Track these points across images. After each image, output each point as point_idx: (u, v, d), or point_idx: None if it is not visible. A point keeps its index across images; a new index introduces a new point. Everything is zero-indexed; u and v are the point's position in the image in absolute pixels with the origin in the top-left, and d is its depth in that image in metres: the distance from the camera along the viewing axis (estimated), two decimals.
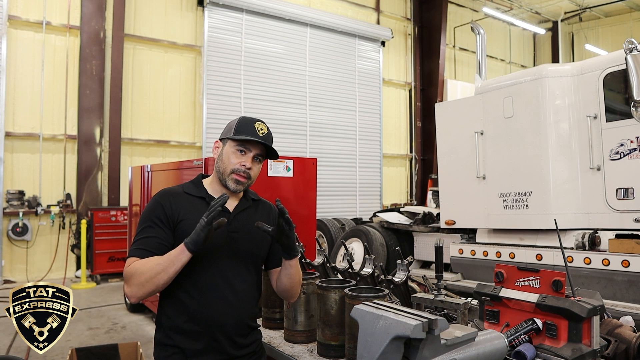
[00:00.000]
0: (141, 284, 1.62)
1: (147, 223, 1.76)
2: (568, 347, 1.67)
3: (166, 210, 1.77)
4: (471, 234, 6.05)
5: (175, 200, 1.80)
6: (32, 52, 9.02)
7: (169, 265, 1.60)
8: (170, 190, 1.87)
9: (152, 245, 1.70)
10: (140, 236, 1.74)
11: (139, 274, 1.63)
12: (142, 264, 1.64)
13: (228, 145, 1.84)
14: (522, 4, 16.45)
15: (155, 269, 1.61)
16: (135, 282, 1.63)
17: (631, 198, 4.56)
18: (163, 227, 1.74)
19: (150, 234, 1.73)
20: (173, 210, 1.77)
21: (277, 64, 11.72)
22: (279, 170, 4.94)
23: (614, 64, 4.72)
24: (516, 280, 1.87)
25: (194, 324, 1.74)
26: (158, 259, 1.64)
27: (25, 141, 8.93)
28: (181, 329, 1.75)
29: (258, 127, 1.83)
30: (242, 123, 1.85)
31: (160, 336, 1.80)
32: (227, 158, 1.83)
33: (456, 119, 6.05)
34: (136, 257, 1.68)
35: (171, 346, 1.76)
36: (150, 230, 1.74)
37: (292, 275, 1.88)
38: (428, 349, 1.39)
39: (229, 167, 1.82)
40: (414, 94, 14.71)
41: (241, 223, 1.86)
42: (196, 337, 1.75)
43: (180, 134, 10.59)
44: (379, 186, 13.60)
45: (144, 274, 1.62)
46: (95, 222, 8.70)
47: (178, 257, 1.60)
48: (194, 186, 1.89)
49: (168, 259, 1.62)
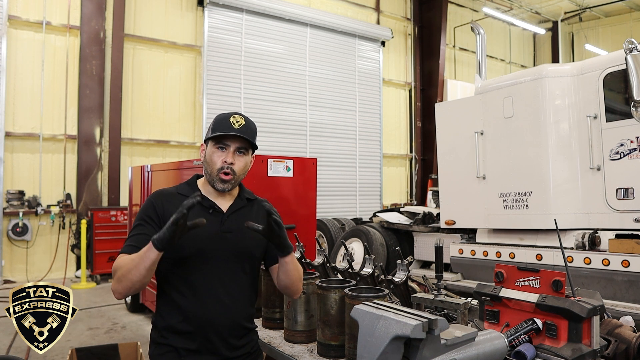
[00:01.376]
0: (118, 278, 1.66)
1: (139, 221, 1.79)
2: (568, 347, 1.67)
3: (157, 210, 1.79)
4: (471, 234, 6.05)
5: (167, 201, 1.81)
6: (32, 52, 9.02)
7: (140, 262, 1.60)
8: (164, 191, 1.89)
9: (141, 242, 1.69)
10: (131, 234, 1.78)
11: (118, 268, 1.66)
12: (122, 260, 1.67)
13: (209, 145, 1.85)
14: (522, 4, 16.45)
15: (129, 265, 1.63)
16: (115, 276, 1.67)
17: (631, 198, 4.56)
18: (153, 225, 1.76)
19: (140, 232, 1.75)
20: (165, 211, 1.77)
21: (277, 64, 11.72)
22: (279, 170, 4.94)
23: (614, 64, 4.71)
24: (516, 280, 1.87)
25: (187, 324, 1.75)
26: (134, 255, 1.66)
27: (25, 141, 8.93)
28: (175, 328, 1.76)
29: (233, 121, 1.81)
30: (218, 120, 1.85)
31: (155, 335, 1.82)
32: (210, 159, 1.83)
33: (456, 119, 6.05)
34: (124, 253, 1.71)
35: (165, 345, 1.77)
36: (141, 228, 1.76)
37: (289, 271, 1.85)
38: (428, 349, 1.39)
39: (214, 168, 1.82)
40: (414, 94, 14.71)
41: (235, 223, 1.84)
42: (190, 337, 1.75)
43: (180, 134, 10.59)
44: (379, 186, 13.60)
45: (121, 269, 1.65)
46: (95, 222, 8.70)
47: (146, 254, 1.60)
48: (187, 187, 1.90)
49: (139, 255, 1.62)
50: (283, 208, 4.97)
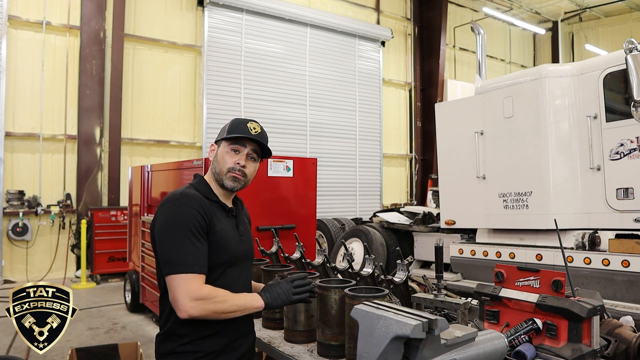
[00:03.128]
0: (212, 311, 1.66)
1: (187, 233, 1.69)
2: (568, 347, 1.67)
3: (201, 217, 1.73)
4: (471, 234, 6.05)
5: (203, 207, 1.76)
6: (32, 52, 9.02)
7: (243, 311, 1.73)
8: (191, 194, 1.79)
9: (203, 260, 1.69)
10: (187, 248, 1.68)
11: (216, 302, 1.67)
12: (221, 295, 1.69)
13: (222, 146, 1.87)
14: (522, 4, 16.45)
15: (232, 308, 1.70)
16: (208, 306, 1.65)
17: (631, 198, 4.56)
18: (202, 238, 1.71)
19: (196, 246, 1.69)
20: (206, 218, 1.74)
21: (277, 64, 11.72)
22: (279, 170, 4.94)
23: (614, 64, 4.71)
24: (516, 280, 1.87)
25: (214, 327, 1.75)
26: (235, 298, 1.72)
27: (25, 141, 8.94)
28: (204, 334, 1.75)
29: (251, 127, 1.85)
30: (235, 124, 1.87)
31: (174, 345, 1.75)
32: (222, 159, 1.85)
33: (456, 119, 6.05)
34: (200, 274, 1.67)
35: (191, 352, 1.74)
36: (195, 241, 1.69)
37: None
38: (428, 349, 1.39)
39: (224, 167, 1.84)
40: (414, 94, 14.72)
41: (243, 226, 1.94)
42: (216, 338, 1.77)
43: (180, 134, 10.59)
44: (379, 186, 13.60)
45: (220, 305, 1.67)
46: (95, 222, 8.70)
47: (253, 306, 1.76)
48: (207, 189, 1.86)
49: (244, 306, 1.73)
50: (283, 208, 4.97)
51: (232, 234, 1.84)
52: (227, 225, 1.83)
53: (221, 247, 1.76)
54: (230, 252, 1.80)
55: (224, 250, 1.77)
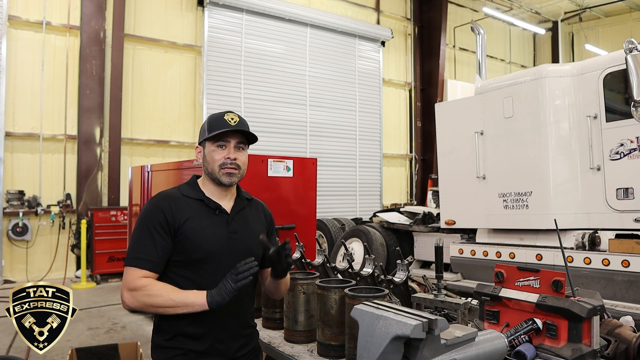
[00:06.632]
0: (145, 304, 1.66)
1: (148, 229, 1.74)
2: (568, 347, 1.67)
3: (167, 215, 1.75)
4: (471, 234, 6.05)
5: (175, 205, 1.79)
6: (32, 52, 9.02)
7: (182, 307, 1.64)
8: (169, 193, 1.86)
9: (154, 255, 1.71)
10: (141, 242, 1.73)
11: (148, 295, 1.65)
12: (157, 288, 1.66)
13: (207, 146, 1.86)
14: (522, 4, 16.45)
15: (167, 303, 1.64)
16: (140, 298, 1.66)
17: (631, 198, 4.56)
18: (164, 234, 1.73)
19: (152, 242, 1.72)
20: (174, 215, 1.76)
21: (277, 64, 11.72)
22: (279, 170, 4.94)
23: (614, 64, 4.71)
24: (516, 280, 1.87)
25: (197, 326, 1.75)
26: (173, 293, 1.66)
27: (25, 141, 8.93)
28: (184, 331, 1.75)
29: (228, 118, 1.83)
30: (212, 120, 1.86)
31: (159, 339, 1.79)
32: (210, 158, 1.84)
33: (456, 119, 6.05)
34: (141, 268, 1.69)
35: (173, 348, 1.76)
36: (152, 238, 1.73)
37: (280, 284, 1.96)
38: (428, 349, 1.39)
39: (215, 165, 1.83)
40: (414, 94, 14.71)
41: (240, 224, 1.88)
42: (200, 339, 1.76)
43: (180, 134, 10.59)
44: (379, 186, 13.59)
45: (153, 298, 1.64)
46: (95, 222, 8.70)
47: (194, 306, 1.64)
48: (191, 188, 1.88)
49: (183, 302, 1.64)
50: (283, 208, 4.97)
51: (213, 231, 1.80)
52: (208, 223, 1.80)
53: (191, 244, 1.75)
54: (204, 249, 1.76)
55: (196, 247, 1.75)
